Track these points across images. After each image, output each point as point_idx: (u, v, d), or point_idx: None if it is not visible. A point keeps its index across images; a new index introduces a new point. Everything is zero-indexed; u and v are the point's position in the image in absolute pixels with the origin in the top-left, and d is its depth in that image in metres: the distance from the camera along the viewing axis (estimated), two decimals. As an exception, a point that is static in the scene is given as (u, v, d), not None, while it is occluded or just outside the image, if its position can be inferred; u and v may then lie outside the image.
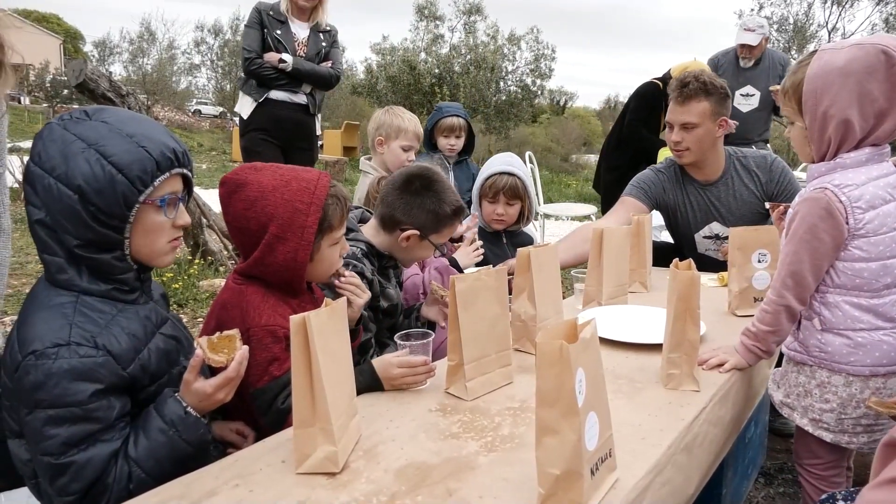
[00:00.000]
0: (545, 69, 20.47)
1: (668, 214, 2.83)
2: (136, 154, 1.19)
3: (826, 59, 1.52)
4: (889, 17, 18.03)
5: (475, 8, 20.46)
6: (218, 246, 5.31)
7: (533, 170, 6.47)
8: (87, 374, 1.14)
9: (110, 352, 1.17)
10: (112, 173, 1.17)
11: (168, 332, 1.32)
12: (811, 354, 1.62)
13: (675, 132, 2.62)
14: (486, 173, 2.66)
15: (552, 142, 21.13)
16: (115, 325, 1.21)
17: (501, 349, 1.53)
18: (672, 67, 4.97)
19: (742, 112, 4.78)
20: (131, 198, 1.19)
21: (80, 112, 1.25)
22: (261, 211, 1.46)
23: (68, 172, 1.17)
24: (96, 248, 1.21)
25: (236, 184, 1.49)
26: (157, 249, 1.28)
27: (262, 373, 1.42)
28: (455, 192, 2.02)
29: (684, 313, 1.51)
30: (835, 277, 1.57)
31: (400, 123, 2.95)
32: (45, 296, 1.22)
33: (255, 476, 1.12)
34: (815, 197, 1.54)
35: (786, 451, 2.70)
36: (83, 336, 1.16)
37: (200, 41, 29.73)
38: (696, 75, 2.58)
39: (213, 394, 1.22)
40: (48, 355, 1.13)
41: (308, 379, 1.11)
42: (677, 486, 1.28)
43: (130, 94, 4.66)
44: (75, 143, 1.18)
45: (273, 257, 1.47)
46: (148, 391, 1.24)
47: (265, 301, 1.47)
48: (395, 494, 1.06)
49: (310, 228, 1.47)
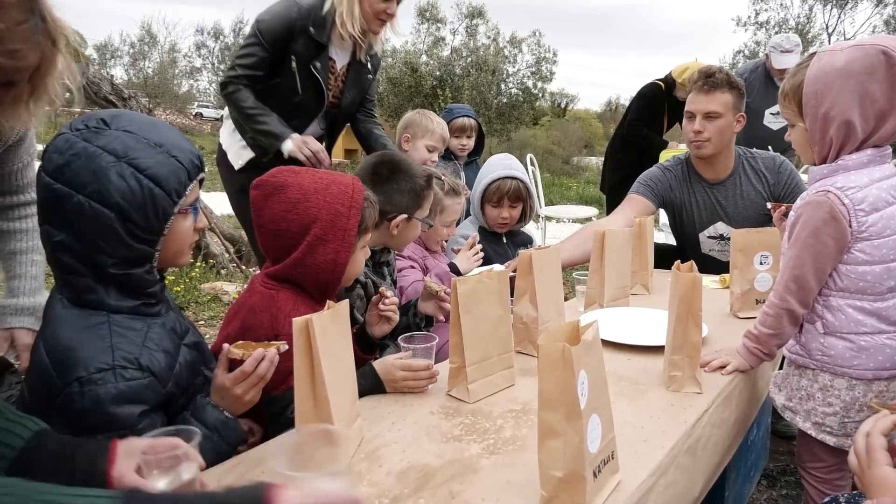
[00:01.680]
0: (546, 72, 20.52)
1: (674, 213, 2.83)
2: (169, 165, 1.16)
3: (825, 61, 1.52)
4: (889, 18, 18.02)
5: (477, 11, 20.51)
6: (219, 249, 5.32)
7: (534, 172, 6.47)
8: (134, 397, 1.12)
9: (153, 372, 1.15)
10: (150, 187, 1.13)
11: (190, 342, 1.31)
12: (813, 358, 1.62)
13: (696, 122, 2.57)
14: (488, 178, 2.65)
15: (553, 144, 21.10)
16: (150, 343, 1.18)
17: (503, 351, 1.53)
18: (673, 69, 4.97)
19: (773, 129, 4.60)
20: (169, 210, 1.17)
21: (95, 121, 1.16)
22: (303, 213, 1.46)
23: (102, 190, 1.10)
24: (131, 264, 1.17)
25: (274, 186, 1.49)
26: (182, 254, 1.27)
27: (280, 381, 1.39)
28: (418, 163, 2.10)
29: (686, 315, 1.51)
30: (838, 281, 1.57)
31: (428, 124, 3.03)
32: (72, 317, 1.16)
33: (257, 478, 1.11)
34: (817, 200, 1.54)
35: (788, 453, 2.69)
36: (126, 358, 1.13)
37: (201, 45, 29.81)
38: (720, 68, 2.60)
39: (231, 388, 1.22)
40: (94, 381, 1.09)
41: (310, 381, 1.11)
42: (681, 488, 1.28)
43: (132, 97, 4.68)
44: (103, 156, 1.11)
45: (313, 259, 1.47)
46: (178, 404, 1.24)
47: (296, 309, 1.45)
48: (398, 497, 1.06)
49: (351, 231, 1.49)
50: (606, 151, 5.66)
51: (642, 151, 5.07)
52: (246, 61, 2.45)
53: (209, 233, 5.23)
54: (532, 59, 20.49)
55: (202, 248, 5.16)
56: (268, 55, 2.44)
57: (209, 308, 4.42)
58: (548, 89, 22.28)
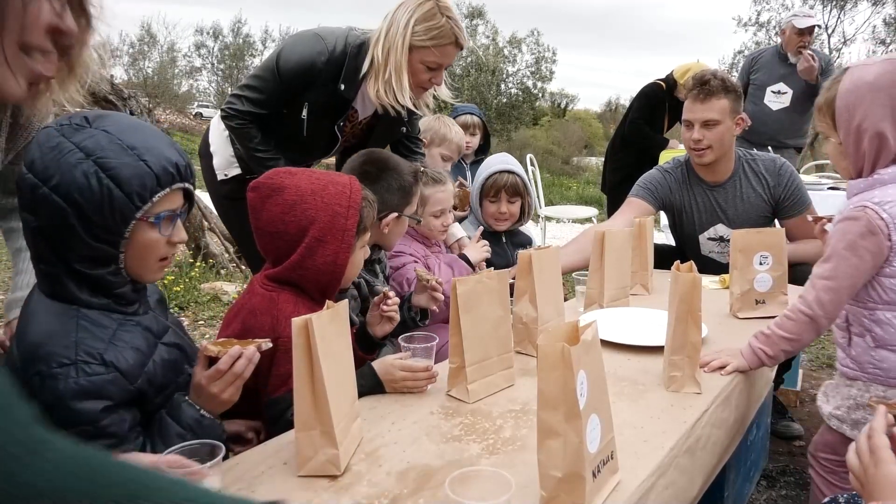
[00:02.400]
0: (546, 72, 20.55)
1: (674, 215, 2.83)
2: (136, 168, 1.14)
3: (857, 75, 1.56)
4: (887, 17, 18.04)
5: (476, 11, 20.51)
6: (219, 249, 5.32)
7: (534, 172, 6.48)
8: (97, 393, 1.11)
9: (119, 368, 1.14)
10: (110, 188, 1.12)
11: (170, 341, 1.29)
12: (866, 371, 1.62)
13: (695, 130, 2.57)
14: (486, 174, 2.70)
15: (553, 144, 21.09)
16: (118, 340, 1.18)
17: (503, 352, 1.53)
18: (675, 69, 4.98)
19: (772, 110, 4.65)
20: (128, 214, 1.15)
21: (79, 118, 1.18)
22: (301, 214, 1.46)
23: (63, 184, 1.11)
24: (92, 262, 1.17)
25: (271, 188, 1.49)
26: (147, 267, 1.23)
27: (280, 384, 1.40)
28: (404, 160, 2.08)
29: (686, 315, 1.51)
30: (882, 294, 1.58)
31: (447, 133, 3.03)
32: (45, 310, 1.17)
33: (257, 479, 1.12)
34: (855, 215, 1.56)
35: (788, 453, 2.69)
36: (89, 353, 1.12)
37: (201, 45, 29.81)
38: (713, 73, 2.58)
39: (207, 386, 1.19)
40: (55, 376, 1.09)
41: (310, 381, 1.11)
42: (680, 488, 1.28)
43: (132, 97, 4.68)
44: (74, 153, 1.12)
45: (312, 261, 1.47)
46: (154, 403, 1.23)
47: (297, 311, 1.44)
48: (397, 497, 1.06)
49: (350, 231, 1.49)
50: (607, 152, 5.67)
51: (643, 151, 5.08)
52: (255, 96, 2.17)
53: (209, 233, 5.23)
54: (531, 59, 20.53)
55: (202, 249, 5.16)
56: (280, 96, 2.18)
57: (209, 308, 4.42)
58: (547, 89, 22.34)
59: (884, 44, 18.44)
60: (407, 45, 2.09)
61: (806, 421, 2.98)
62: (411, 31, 2.07)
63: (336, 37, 2.16)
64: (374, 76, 2.14)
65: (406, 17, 2.08)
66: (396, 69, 2.11)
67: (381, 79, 2.13)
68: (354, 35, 2.19)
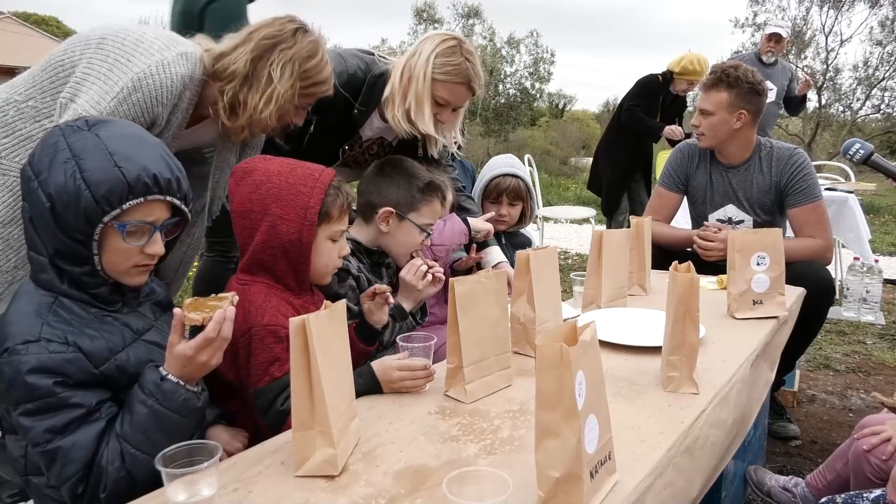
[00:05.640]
0: (544, 72, 20.56)
1: (695, 192, 2.92)
2: (110, 174, 1.19)
3: None
4: (884, 19, 18.08)
5: (473, 11, 20.53)
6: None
7: (532, 173, 6.48)
8: (55, 369, 1.15)
9: (81, 348, 1.18)
10: (81, 189, 1.17)
11: (152, 339, 1.31)
12: None
13: (695, 116, 2.78)
14: (489, 175, 2.69)
15: (551, 145, 21.08)
16: (89, 328, 1.22)
17: (501, 352, 1.53)
18: (670, 62, 5.07)
19: None
20: (93, 217, 1.19)
21: (83, 122, 1.25)
22: (265, 193, 1.49)
23: (46, 180, 1.18)
24: (67, 259, 1.21)
25: (245, 171, 1.54)
26: (122, 271, 1.27)
27: (262, 373, 1.42)
28: (427, 171, 2.05)
29: (684, 316, 1.51)
30: None
31: None
32: (28, 294, 1.23)
33: (254, 478, 1.11)
34: None
35: (785, 454, 2.70)
36: (54, 333, 1.17)
37: (199, 44, 29.77)
38: (725, 67, 2.71)
39: (195, 356, 1.17)
40: (18, 352, 1.14)
41: (307, 381, 1.11)
42: (679, 488, 1.28)
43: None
44: (63, 152, 1.19)
45: (278, 238, 1.48)
46: (127, 391, 1.23)
47: (268, 300, 1.47)
48: (395, 497, 1.06)
49: (312, 209, 1.49)
50: (597, 150, 5.67)
51: (638, 143, 5.13)
52: None
53: (207, 233, 5.22)
54: (530, 60, 20.55)
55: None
56: None
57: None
58: (546, 90, 22.35)
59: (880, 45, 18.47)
60: (430, 76, 2.09)
61: (803, 421, 2.98)
62: (432, 63, 2.09)
63: (359, 59, 2.17)
64: (392, 103, 2.13)
65: (430, 49, 2.10)
66: (417, 98, 2.10)
67: (402, 107, 2.11)
68: (376, 63, 2.19)
